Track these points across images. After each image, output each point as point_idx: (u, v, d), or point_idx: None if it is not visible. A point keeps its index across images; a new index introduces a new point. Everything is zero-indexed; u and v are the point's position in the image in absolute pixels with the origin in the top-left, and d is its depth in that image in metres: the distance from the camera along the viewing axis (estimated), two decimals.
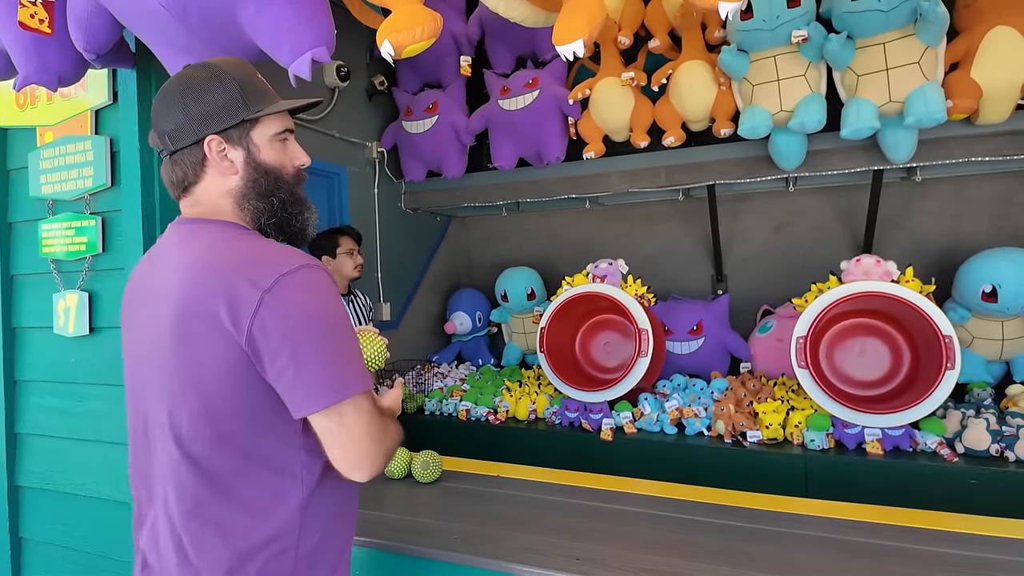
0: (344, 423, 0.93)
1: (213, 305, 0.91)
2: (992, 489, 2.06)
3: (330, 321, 0.94)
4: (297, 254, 0.97)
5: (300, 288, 0.92)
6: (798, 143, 2.71)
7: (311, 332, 0.91)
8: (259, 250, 0.98)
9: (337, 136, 3.30)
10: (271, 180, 1.06)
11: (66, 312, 2.13)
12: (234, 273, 0.92)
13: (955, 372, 2.13)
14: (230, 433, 0.94)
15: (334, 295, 0.97)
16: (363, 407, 0.94)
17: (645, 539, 1.43)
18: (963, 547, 1.31)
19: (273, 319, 0.90)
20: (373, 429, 0.95)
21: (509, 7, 1.62)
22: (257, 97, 1.05)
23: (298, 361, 0.90)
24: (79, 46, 1.69)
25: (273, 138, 1.07)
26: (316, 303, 0.93)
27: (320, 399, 0.91)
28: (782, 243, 3.47)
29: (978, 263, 2.56)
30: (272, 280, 0.90)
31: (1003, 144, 2.53)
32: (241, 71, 1.06)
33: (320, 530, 1.00)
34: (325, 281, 0.97)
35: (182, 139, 1.03)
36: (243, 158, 1.05)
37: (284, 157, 1.09)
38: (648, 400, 2.70)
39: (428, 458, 1.86)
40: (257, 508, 0.95)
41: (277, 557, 0.95)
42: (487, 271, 4.10)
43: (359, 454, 0.94)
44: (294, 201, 1.09)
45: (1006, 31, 2.38)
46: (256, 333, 0.90)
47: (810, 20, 2.54)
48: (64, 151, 2.14)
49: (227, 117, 1.02)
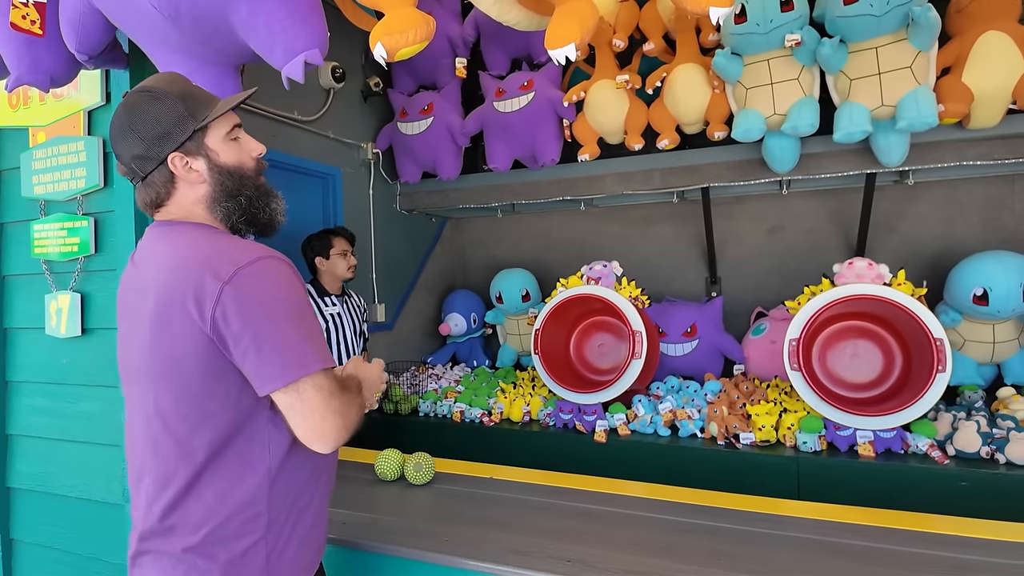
0: (304, 399, 1.00)
1: (183, 298, 1.00)
2: (983, 491, 2.07)
3: (287, 306, 1.01)
4: (257, 248, 1.04)
5: (257, 278, 1.00)
6: (791, 146, 2.73)
7: (268, 316, 0.99)
8: (222, 246, 1.05)
9: (332, 137, 3.30)
10: (236, 179, 1.14)
11: (58, 313, 2.12)
12: (199, 268, 1.01)
13: (946, 375, 2.14)
14: (208, 412, 1.03)
15: (292, 283, 1.05)
16: (322, 384, 1.01)
17: (634, 541, 1.44)
18: (949, 548, 1.32)
19: (233, 307, 0.98)
20: (334, 404, 1.02)
21: (502, 10, 1.62)
22: (199, 105, 1.11)
23: (258, 343, 0.98)
24: (71, 47, 1.69)
25: (226, 138, 1.13)
26: (273, 290, 1.01)
27: (280, 377, 0.98)
28: (776, 246, 3.48)
29: (969, 266, 2.57)
30: (231, 272, 0.99)
31: (994, 148, 2.55)
32: (176, 85, 1.12)
33: (291, 496, 1.10)
34: (283, 270, 1.04)
35: (147, 165, 1.10)
36: (206, 166, 1.12)
37: (241, 153, 1.16)
38: (642, 402, 2.70)
39: (421, 460, 1.86)
40: (230, 475, 1.05)
41: (252, 520, 1.05)
42: (482, 272, 4.11)
43: (320, 427, 1.01)
44: (260, 195, 1.16)
45: (997, 36, 2.40)
46: (218, 320, 0.98)
47: (803, 24, 2.55)
48: (57, 152, 2.13)
49: (179, 132, 1.09)
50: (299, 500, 1.12)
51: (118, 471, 2.02)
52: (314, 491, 1.15)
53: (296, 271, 1.08)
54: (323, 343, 1.05)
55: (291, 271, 1.06)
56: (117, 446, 2.02)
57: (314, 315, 1.09)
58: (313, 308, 1.08)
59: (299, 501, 1.12)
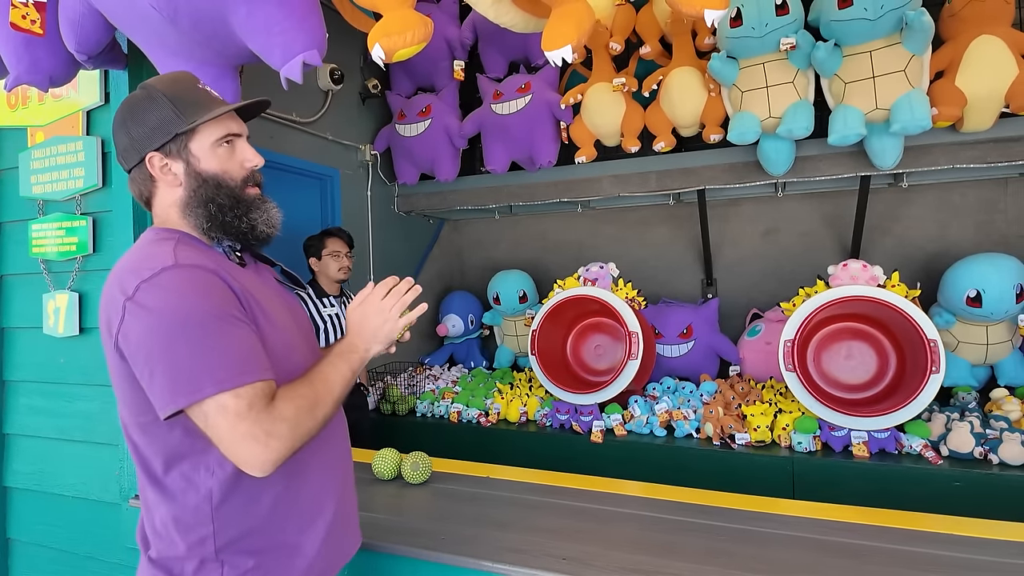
0: (209, 424, 0.93)
1: (103, 313, 1.00)
2: (976, 491, 2.08)
3: (185, 322, 0.93)
4: (168, 257, 0.97)
5: (157, 292, 0.94)
6: (786, 149, 2.75)
7: (163, 335, 0.92)
8: (140, 257, 1.00)
9: (330, 139, 3.31)
10: (211, 187, 1.09)
11: (56, 312, 2.13)
12: (114, 281, 0.99)
13: (940, 376, 2.16)
14: (146, 425, 1.00)
15: (200, 293, 0.96)
16: (228, 406, 0.92)
17: (630, 539, 1.45)
18: (943, 547, 1.33)
19: (132, 325, 0.94)
20: (243, 427, 0.92)
21: (499, 12, 1.64)
22: (191, 109, 1.08)
23: (151, 365, 0.92)
24: (71, 47, 1.70)
25: (214, 145, 1.10)
26: (172, 306, 0.93)
27: (169, 402, 0.92)
28: (771, 248, 3.50)
29: (963, 268, 2.59)
30: (134, 287, 0.94)
31: (987, 151, 2.57)
32: (175, 86, 1.10)
33: (244, 524, 1.02)
34: (190, 281, 0.96)
35: (130, 160, 1.10)
36: (183, 170, 1.09)
37: (229, 162, 1.11)
38: (638, 402, 2.71)
39: (418, 459, 1.86)
40: (173, 494, 1.01)
41: (198, 545, 1.00)
42: (479, 274, 4.12)
43: (233, 452, 0.94)
44: (235, 204, 1.10)
45: (990, 40, 2.43)
46: (120, 340, 0.95)
47: (798, 28, 2.58)
48: (55, 151, 2.14)
49: (162, 133, 1.07)
50: (260, 531, 1.03)
51: (115, 470, 2.02)
52: (293, 523, 1.07)
53: (218, 279, 0.99)
54: (240, 356, 0.95)
55: (205, 279, 0.98)
56: (114, 445, 2.02)
57: (236, 325, 0.97)
58: (239, 316, 0.99)
59: (261, 532, 1.03)
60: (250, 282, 1.08)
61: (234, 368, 0.94)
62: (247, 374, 0.94)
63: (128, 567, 2.00)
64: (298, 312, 1.23)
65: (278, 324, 1.08)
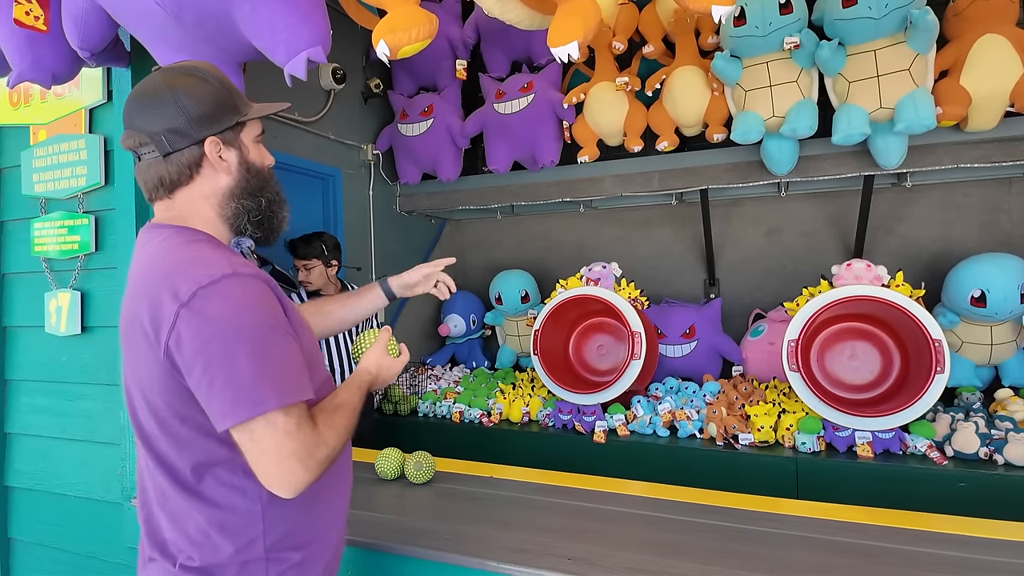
0: (255, 439, 0.91)
1: (141, 316, 0.95)
2: (981, 492, 2.07)
3: (247, 333, 0.91)
4: (224, 264, 0.96)
5: (217, 300, 0.91)
6: (790, 148, 2.74)
7: (223, 346, 0.90)
8: (189, 259, 0.97)
9: (332, 138, 3.30)
10: (260, 179, 1.11)
11: (58, 311, 2.12)
12: (161, 284, 0.94)
13: (944, 376, 2.15)
14: (178, 436, 0.97)
15: (259, 304, 0.95)
16: (277, 423, 0.91)
17: (636, 539, 1.44)
18: (950, 547, 1.32)
19: (188, 333, 0.90)
20: (289, 446, 0.91)
21: (504, 9, 1.63)
22: (243, 101, 1.11)
23: (210, 376, 0.90)
24: (74, 44, 1.69)
25: (255, 140, 1.12)
26: (233, 315, 0.91)
27: (229, 416, 0.90)
28: (774, 248, 3.49)
29: (967, 268, 2.59)
30: (191, 293, 0.91)
31: (992, 151, 2.56)
32: (221, 75, 1.11)
33: (290, 521, 1.03)
34: (249, 290, 0.95)
35: (179, 141, 1.03)
36: (237, 159, 1.08)
37: (264, 159, 1.14)
38: (641, 403, 2.71)
39: (421, 459, 1.85)
40: (214, 500, 0.98)
41: (247, 547, 0.99)
42: (481, 274, 4.11)
43: (274, 471, 0.93)
44: (278, 200, 1.14)
45: (995, 39, 2.42)
46: (172, 347, 0.91)
47: (802, 27, 2.57)
48: (57, 150, 2.13)
49: (224, 119, 1.06)
50: (311, 521, 1.06)
51: (117, 470, 2.01)
52: (326, 518, 1.10)
53: (269, 290, 0.99)
54: (292, 373, 0.95)
55: (261, 290, 0.97)
56: (117, 444, 2.01)
57: (288, 340, 0.98)
58: (289, 331, 0.99)
59: (310, 522, 1.06)
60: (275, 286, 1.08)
61: (291, 384, 0.94)
62: (299, 391, 0.95)
63: (130, 567, 1.99)
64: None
65: (307, 332, 1.11)
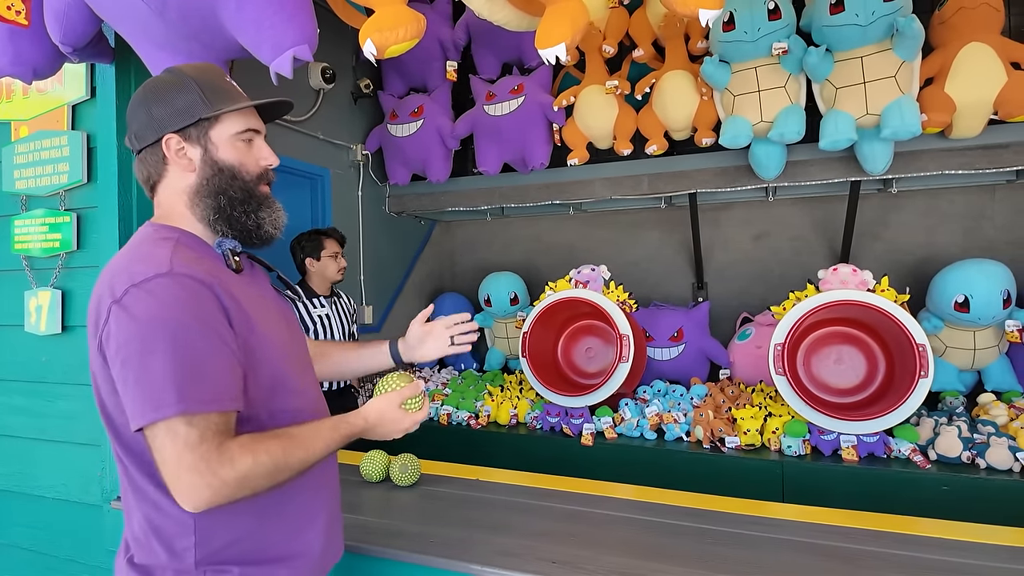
0: (156, 446, 0.89)
1: (91, 311, 0.98)
2: (963, 495, 2.09)
3: (166, 334, 0.89)
4: (164, 262, 0.94)
5: (145, 299, 0.91)
6: (778, 153, 2.76)
7: (140, 345, 0.89)
8: (137, 257, 0.98)
9: (321, 138, 3.28)
10: (225, 177, 1.07)
11: (38, 310, 2.08)
12: (106, 280, 0.96)
13: (928, 380, 2.17)
14: (119, 431, 0.99)
15: (186, 306, 0.92)
16: (179, 432, 0.87)
17: (621, 542, 1.43)
18: (932, 551, 1.33)
19: (115, 330, 0.91)
20: (189, 458, 0.87)
21: (493, 10, 1.63)
22: (218, 97, 1.07)
23: (125, 374, 0.90)
24: (56, 39, 1.67)
25: (235, 137, 1.08)
26: (156, 315, 0.90)
27: (137, 417, 0.89)
28: (761, 252, 3.51)
29: (951, 274, 2.61)
30: (124, 290, 0.92)
31: (976, 158, 2.59)
32: (206, 74, 1.09)
33: (228, 535, 0.99)
34: (180, 291, 0.93)
35: (145, 139, 1.07)
36: (200, 156, 1.07)
37: (247, 156, 1.10)
38: (629, 405, 2.71)
39: (407, 461, 1.84)
40: (154, 501, 0.97)
41: (179, 555, 0.97)
42: (471, 275, 4.10)
43: (173, 483, 0.89)
44: (246, 199, 1.09)
45: (980, 48, 2.45)
46: (103, 341, 0.93)
47: (790, 33, 2.59)
48: (39, 146, 2.10)
49: (186, 116, 1.05)
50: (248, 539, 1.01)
51: (97, 471, 1.98)
52: (275, 532, 1.04)
53: (209, 293, 0.95)
54: (208, 380, 0.90)
55: (195, 291, 0.94)
56: (96, 446, 1.98)
57: (215, 345, 0.93)
58: (222, 338, 0.94)
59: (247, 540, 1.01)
60: (243, 291, 1.04)
61: (203, 392, 0.90)
62: (212, 401, 0.90)
63: (109, 570, 1.96)
64: (292, 320, 1.21)
65: (269, 334, 1.05)
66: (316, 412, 1.14)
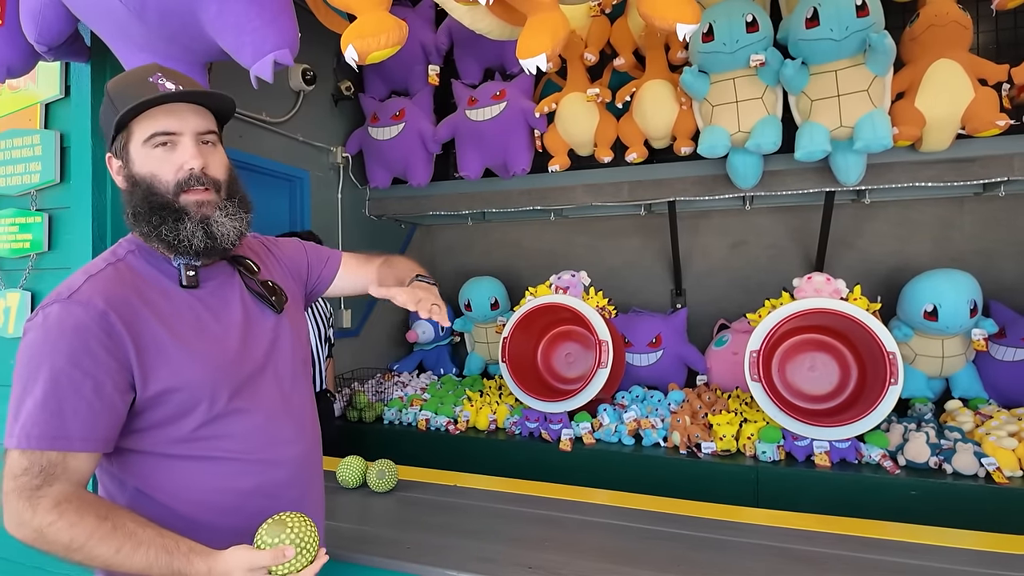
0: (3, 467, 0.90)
1: None
2: (931, 500, 2.14)
3: (34, 364, 0.91)
4: (73, 285, 0.96)
5: (40, 325, 0.93)
6: (754, 163, 2.80)
7: (18, 370, 0.93)
8: (73, 275, 1.00)
9: (301, 140, 3.26)
10: (140, 192, 1.01)
11: (6, 312, 2.04)
12: None
13: (898, 387, 2.22)
14: None
15: (62, 338, 0.91)
16: (11, 461, 0.89)
17: (597, 547, 1.45)
18: (899, 554, 1.36)
19: (20, 344, 0.95)
20: (8, 486, 0.89)
21: (475, 19, 1.64)
22: (123, 100, 0.98)
23: (10, 392, 0.94)
24: (31, 38, 1.64)
25: (145, 144, 1.00)
26: (36, 342, 0.92)
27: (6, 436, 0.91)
28: (738, 260, 3.57)
29: (921, 283, 2.68)
30: (33, 316, 0.95)
31: (945, 171, 2.66)
32: (122, 80, 1.03)
33: None
34: (62, 322, 0.92)
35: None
36: (123, 172, 1.04)
37: (163, 164, 1.00)
38: (607, 411, 2.73)
39: (384, 467, 1.83)
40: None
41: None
42: (451, 280, 4.09)
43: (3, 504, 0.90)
44: (164, 213, 1.00)
45: (948, 64, 2.52)
46: None
47: (767, 45, 2.64)
48: (10, 145, 2.06)
49: (109, 131, 1.03)
50: None
51: None
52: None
53: (92, 327, 0.92)
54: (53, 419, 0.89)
55: (78, 325, 0.91)
56: None
57: (77, 384, 0.90)
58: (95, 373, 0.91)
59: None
60: (179, 310, 1.01)
61: (44, 429, 0.89)
62: (50, 441, 0.89)
63: None
64: (259, 331, 1.12)
65: (200, 350, 1.00)
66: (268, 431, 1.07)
